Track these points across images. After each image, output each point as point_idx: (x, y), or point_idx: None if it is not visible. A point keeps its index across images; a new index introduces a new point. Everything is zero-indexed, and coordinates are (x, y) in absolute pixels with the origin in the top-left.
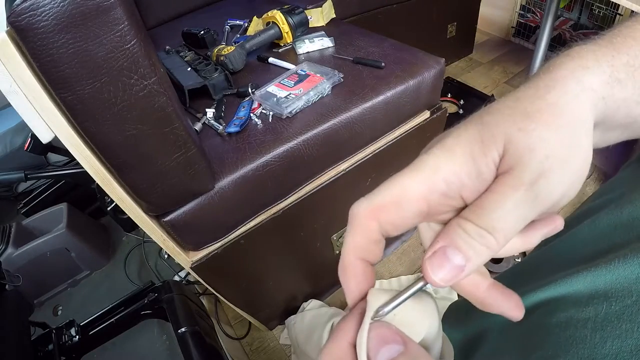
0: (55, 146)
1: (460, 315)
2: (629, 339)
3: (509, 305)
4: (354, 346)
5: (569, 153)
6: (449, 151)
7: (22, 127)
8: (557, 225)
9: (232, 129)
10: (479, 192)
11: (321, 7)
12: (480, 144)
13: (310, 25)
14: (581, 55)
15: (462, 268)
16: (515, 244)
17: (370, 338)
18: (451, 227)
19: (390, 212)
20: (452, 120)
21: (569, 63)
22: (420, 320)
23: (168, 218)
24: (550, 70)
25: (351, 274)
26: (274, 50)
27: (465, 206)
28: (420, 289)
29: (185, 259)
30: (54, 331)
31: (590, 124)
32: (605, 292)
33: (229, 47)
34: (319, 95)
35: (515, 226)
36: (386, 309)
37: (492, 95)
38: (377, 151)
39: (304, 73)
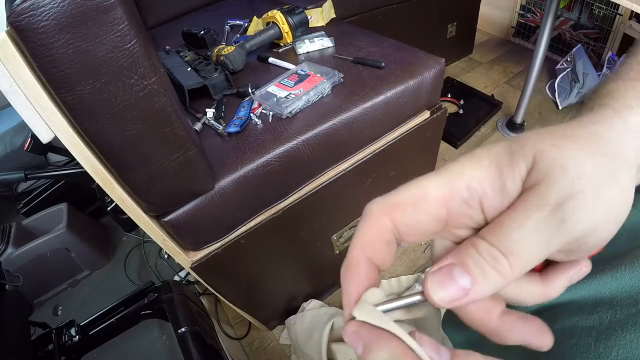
0: (55, 146)
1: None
2: (634, 349)
3: (530, 332)
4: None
5: (605, 181)
6: (476, 159)
7: (22, 127)
8: (580, 268)
9: (232, 129)
10: (501, 208)
11: (321, 7)
12: (509, 155)
13: (310, 25)
14: (624, 95)
15: (466, 292)
16: (534, 290)
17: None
18: (463, 245)
19: (406, 212)
20: (452, 120)
21: (614, 104)
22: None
23: (168, 218)
24: (594, 110)
25: (354, 273)
26: (274, 50)
27: (485, 226)
28: (416, 303)
29: (185, 259)
30: (54, 331)
31: (632, 163)
32: (610, 299)
33: (229, 47)
34: (319, 95)
35: (534, 253)
36: (383, 307)
37: (492, 95)
38: (377, 151)
39: (304, 73)
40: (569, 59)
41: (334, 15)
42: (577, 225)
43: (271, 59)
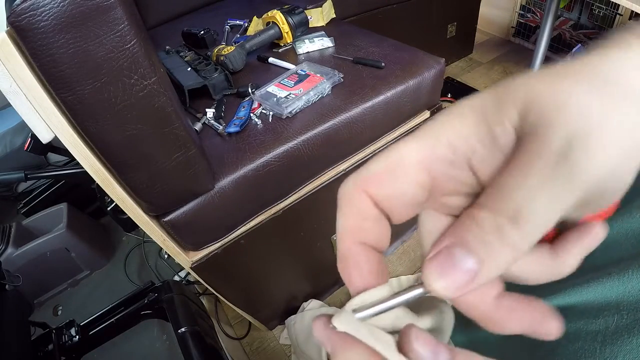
0: (55, 146)
1: (465, 316)
2: None
3: (532, 318)
4: None
5: (613, 115)
6: (456, 112)
7: (22, 127)
8: (596, 233)
9: (232, 129)
10: (495, 166)
11: (321, 7)
12: (496, 102)
13: (310, 25)
14: (624, 36)
15: (473, 275)
16: (543, 265)
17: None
18: (461, 220)
19: (383, 182)
20: None
21: (613, 43)
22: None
23: (168, 218)
24: (589, 52)
25: (352, 263)
26: (274, 50)
27: (481, 191)
28: (416, 297)
29: (185, 259)
30: (54, 331)
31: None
32: (617, 304)
33: (229, 47)
34: (319, 95)
35: (546, 213)
36: (367, 312)
37: None
38: (377, 151)
39: (304, 73)
40: (568, 59)
41: (334, 15)
42: (590, 170)
43: (271, 59)
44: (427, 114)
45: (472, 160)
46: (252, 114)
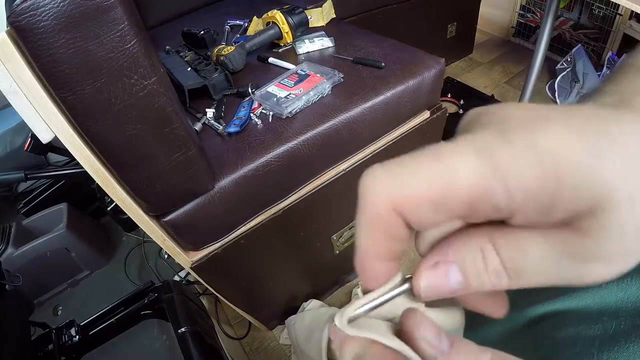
0: (55, 146)
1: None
2: None
3: (494, 304)
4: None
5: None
6: (534, 152)
7: (22, 127)
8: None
9: (232, 129)
10: (530, 222)
11: (321, 7)
12: (572, 165)
13: (310, 25)
14: None
15: (453, 290)
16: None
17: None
18: (471, 245)
19: (421, 210)
20: (452, 120)
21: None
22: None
23: (168, 218)
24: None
25: (371, 277)
26: (274, 50)
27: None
28: (403, 293)
29: (185, 259)
30: (54, 331)
31: None
32: (615, 310)
33: (229, 47)
34: (319, 95)
35: (537, 281)
36: (361, 310)
37: (492, 95)
38: (377, 151)
39: (304, 73)
40: (569, 59)
41: (334, 15)
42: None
43: (271, 59)
44: (427, 114)
45: (516, 214)
46: (252, 114)
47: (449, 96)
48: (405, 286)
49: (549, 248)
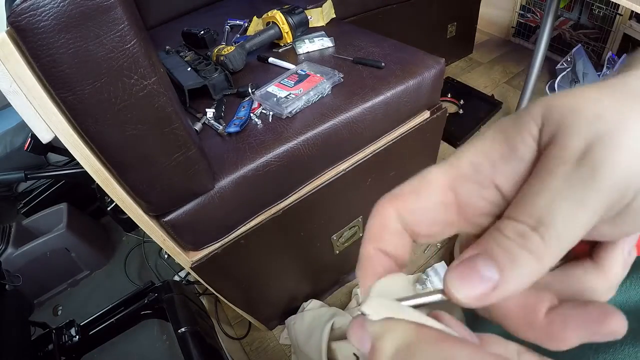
0: (55, 146)
1: (468, 319)
2: None
3: (591, 321)
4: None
5: (631, 115)
6: (478, 137)
7: (22, 127)
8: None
9: (232, 129)
10: (518, 180)
11: (321, 7)
12: (514, 120)
13: (310, 25)
14: None
15: (493, 284)
16: (590, 279)
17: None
18: (487, 232)
19: (408, 200)
20: (452, 120)
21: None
22: None
23: (168, 218)
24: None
25: (368, 265)
26: (274, 50)
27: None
28: (437, 302)
29: (185, 259)
30: (54, 331)
31: None
32: None
33: (229, 47)
34: (319, 95)
35: (570, 219)
36: (405, 303)
37: (492, 95)
38: (377, 151)
39: (304, 73)
40: (569, 59)
41: (334, 15)
42: (614, 171)
43: (271, 59)
44: (427, 113)
45: (495, 175)
46: (252, 114)
47: (449, 96)
48: (438, 296)
49: (538, 176)
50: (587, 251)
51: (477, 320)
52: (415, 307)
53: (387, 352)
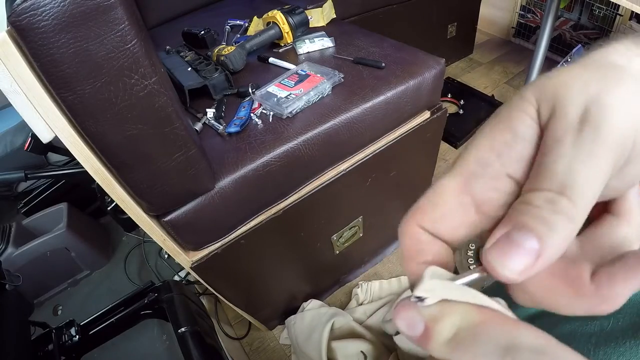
0: (55, 146)
1: None
2: (633, 356)
3: (636, 275)
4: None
5: (616, 82)
6: (477, 135)
7: (22, 127)
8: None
9: (233, 129)
10: (527, 160)
11: (321, 7)
12: (509, 108)
13: (310, 25)
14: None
15: (537, 253)
16: (583, 294)
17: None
18: (511, 210)
19: (427, 212)
20: (452, 121)
21: (610, 47)
22: None
23: (168, 218)
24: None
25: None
26: (274, 50)
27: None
28: (477, 281)
29: (185, 259)
30: (54, 331)
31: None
32: None
33: (229, 47)
34: (319, 96)
35: (589, 177)
36: (457, 282)
37: (493, 95)
38: (377, 151)
39: (304, 73)
40: (569, 59)
41: (334, 16)
42: (611, 125)
43: (271, 59)
44: (427, 114)
45: (503, 164)
46: (252, 114)
47: (449, 96)
48: (476, 275)
49: (546, 148)
50: (602, 212)
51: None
52: (470, 284)
53: (445, 334)
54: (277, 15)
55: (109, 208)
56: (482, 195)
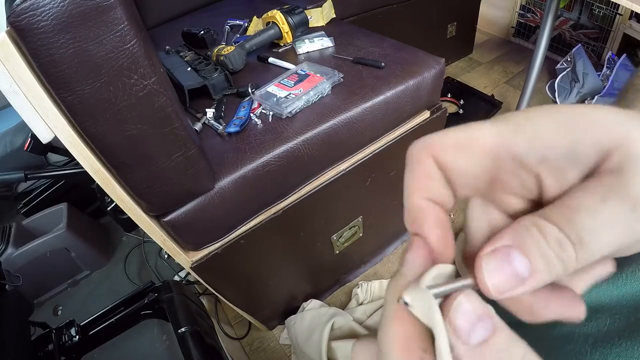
0: (55, 146)
1: None
2: (630, 356)
3: (564, 305)
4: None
5: None
6: (544, 114)
7: (22, 127)
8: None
9: (232, 129)
10: (564, 182)
11: (321, 7)
12: (588, 123)
13: (310, 25)
14: None
15: (523, 280)
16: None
17: (463, 311)
18: (523, 224)
19: (449, 154)
20: (452, 120)
21: None
22: None
23: (168, 218)
24: None
25: (422, 217)
26: (274, 50)
27: (538, 201)
28: (462, 288)
29: (185, 259)
30: (54, 331)
31: None
32: (610, 308)
33: (229, 47)
34: (319, 95)
35: (603, 247)
36: (435, 291)
37: (492, 95)
38: (377, 151)
39: (304, 73)
40: (569, 59)
41: (334, 15)
42: None
43: (271, 59)
44: (427, 113)
45: (542, 165)
46: (252, 114)
47: (449, 96)
48: (469, 281)
49: (594, 198)
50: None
51: None
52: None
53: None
54: (277, 15)
55: (108, 208)
56: (505, 175)
